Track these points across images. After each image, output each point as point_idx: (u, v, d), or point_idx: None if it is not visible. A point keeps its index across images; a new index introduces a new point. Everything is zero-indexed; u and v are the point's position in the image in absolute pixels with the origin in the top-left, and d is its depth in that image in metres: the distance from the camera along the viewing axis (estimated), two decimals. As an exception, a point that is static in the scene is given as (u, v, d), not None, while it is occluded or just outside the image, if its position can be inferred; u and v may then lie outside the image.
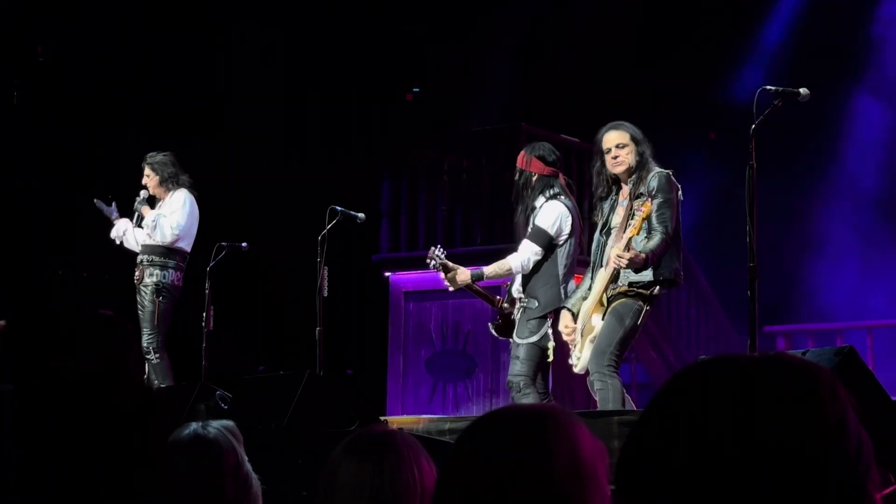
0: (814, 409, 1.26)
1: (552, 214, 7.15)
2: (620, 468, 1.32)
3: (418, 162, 11.05)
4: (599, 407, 6.35)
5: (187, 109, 12.40)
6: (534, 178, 7.24)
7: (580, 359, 6.63)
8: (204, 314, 8.76)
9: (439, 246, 7.57)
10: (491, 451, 1.66)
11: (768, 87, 5.87)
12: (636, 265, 6.38)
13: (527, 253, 7.15)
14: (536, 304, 7.11)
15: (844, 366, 3.72)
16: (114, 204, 9.25)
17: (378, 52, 13.08)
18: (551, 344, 7.00)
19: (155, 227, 8.82)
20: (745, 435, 1.24)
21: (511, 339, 7.29)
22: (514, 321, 7.29)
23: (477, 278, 7.38)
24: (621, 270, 6.45)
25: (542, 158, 7.27)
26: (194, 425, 3.39)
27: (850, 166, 11.83)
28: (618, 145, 6.57)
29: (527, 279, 7.21)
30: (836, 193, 11.87)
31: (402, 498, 2.42)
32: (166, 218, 8.83)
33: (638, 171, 6.54)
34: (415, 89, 14.02)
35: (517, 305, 7.25)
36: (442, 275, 7.45)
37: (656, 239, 6.38)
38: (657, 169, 6.53)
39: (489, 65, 13.11)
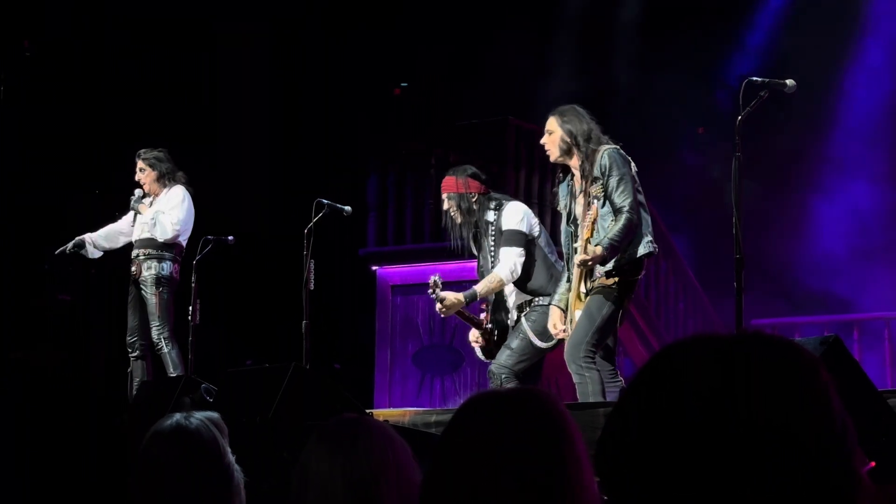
0: (797, 386, 1.23)
1: (517, 214, 7.13)
2: (599, 458, 1.30)
3: (405, 155, 11.04)
4: (580, 399, 6.29)
5: (173, 104, 12.36)
6: (474, 199, 7.22)
7: None
8: (190, 308, 8.74)
9: (438, 274, 7.48)
10: (479, 436, 1.65)
11: (754, 79, 5.86)
12: (603, 261, 6.29)
13: (511, 258, 7.07)
14: (547, 299, 6.99)
15: (830, 355, 3.71)
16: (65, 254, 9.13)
17: (366, 46, 13.06)
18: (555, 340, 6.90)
19: (155, 224, 8.79)
20: (726, 417, 1.21)
21: (517, 329, 7.15)
22: (496, 342, 7.25)
23: (471, 299, 7.26)
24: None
25: (476, 177, 7.29)
26: (177, 416, 3.37)
27: (839, 155, 11.84)
28: (547, 131, 6.51)
29: (525, 284, 7.13)
30: (829, 183, 11.88)
31: (377, 478, 2.41)
32: (166, 215, 8.80)
33: (581, 153, 6.40)
34: (402, 84, 14.00)
35: (525, 311, 7.14)
36: (438, 305, 7.35)
37: (620, 222, 6.24)
38: (605, 146, 6.38)
39: (478, 58, 13.09)
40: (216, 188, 11.55)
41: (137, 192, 9.02)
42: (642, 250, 6.35)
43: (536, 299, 7.08)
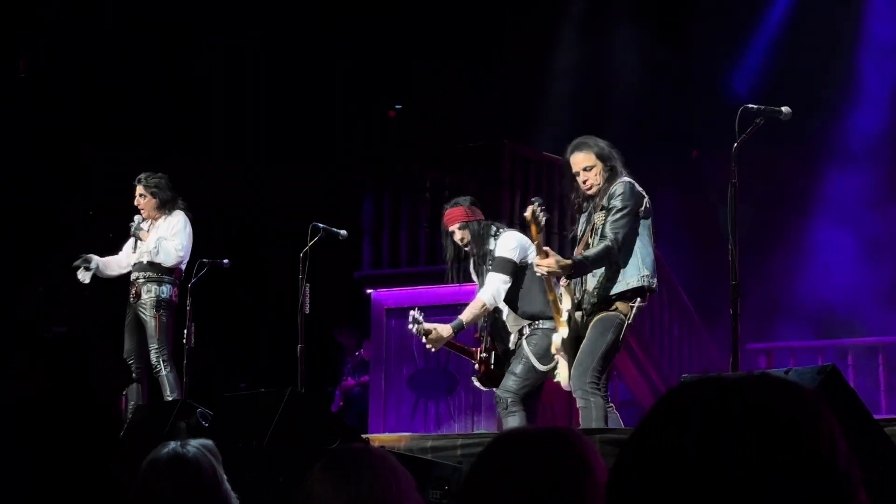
0: (802, 429, 1.24)
1: (511, 241, 7.16)
2: (610, 498, 1.30)
3: (401, 178, 11.03)
4: (582, 425, 6.30)
5: (170, 125, 12.38)
6: (482, 225, 7.25)
7: (561, 375, 6.63)
8: (185, 331, 8.74)
9: (417, 308, 7.49)
10: (507, 474, 1.67)
11: (750, 106, 5.88)
12: (564, 272, 6.32)
13: (494, 284, 7.10)
14: (548, 322, 7.01)
15: (827, 384, 3.72)
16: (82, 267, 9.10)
17: (361, 68, 13.09)
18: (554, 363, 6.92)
19: (158, 251, 8.78)
20: (732, 460, 1.21)
21: (518, 353, 7.17)
22: (494, 371, 7.26)
23: (458, 329, 7.32)
24: (589, 286, 6.43)
25: (476, 205, 7.37)
26: (173, 444, 3.37)
27: (835, 183, 11.86)
28: (585, 168, 6.52)
29: (522, 308, 7.15)
30: (821, 208, 11.91)
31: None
32: (169, 241, 8.80)
33: (607, 182, 6.50)
34: (397, 105, 14.03)
35: (526, 334, 7.15)
36: (423, 339, 7.36)
37: (598, 247, 6.31)
38: (621, 178, 6.45)
39: (472, 81, 13.13)
40: (212, 211, 11.56)
41: (137, 218, 9.01)
42: (635, 282, 6.37)
43: (537, 322, 7.10)
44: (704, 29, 12.57)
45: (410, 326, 7.35)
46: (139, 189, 8.99)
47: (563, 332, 6.57)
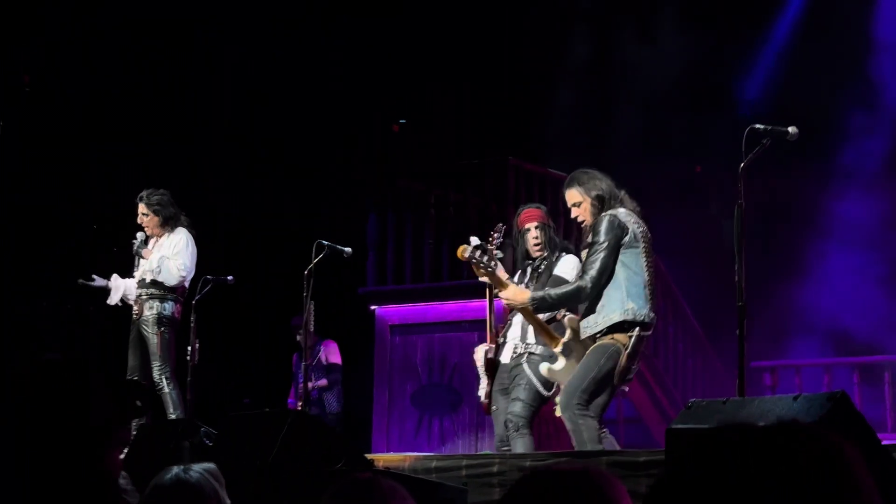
0: (835, 475, 1.28)
1: (572, 266, 7.12)
2: None
3: (405, 195, 11.03)
4: (576, 447, 6.28)
5: (173, 143, 12.38)
6: (555, 235, 7.30)
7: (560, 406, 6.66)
8: (189, 348, 8.71)
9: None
10: None
11: (757, 126, 5.86)
12: (523, 305, 6.44)
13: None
14: (545, 349, 7.03)
15: (837, 411, 3.70)
16: (94, 277, 9.09)
17: (366, 83, 13.09)
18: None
19: (160, 270, 8.76)
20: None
21: (520, 377, 7.15)
22: (499, 361, 7.25)
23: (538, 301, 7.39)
24: (588, 316, 6.45)
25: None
26: (176, 469, 3.35)
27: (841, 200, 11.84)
28: (574, 204, 6.59)
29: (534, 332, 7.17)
30: (827, 228, 11.88)
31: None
32: (171, 260, 8.77)
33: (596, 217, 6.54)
34: (401, 121, 14.03)
35: (526, 357, 7.15)
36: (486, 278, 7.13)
37: (569, 286, 6.49)
38: (605, 213, 6.47)
39: (477, 97, 13.13)
40: (216, 228, 11.56)
41: (140, 235, 8.98)
42: (617, 317, 6.37)
43: (536, 347, 7.10)
44: (714, 40, 12.59)
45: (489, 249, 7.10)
46: (141, 208, 8.95)
47: (560, 363, 6.60)
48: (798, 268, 11.98)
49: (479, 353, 7.12)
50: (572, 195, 6.57)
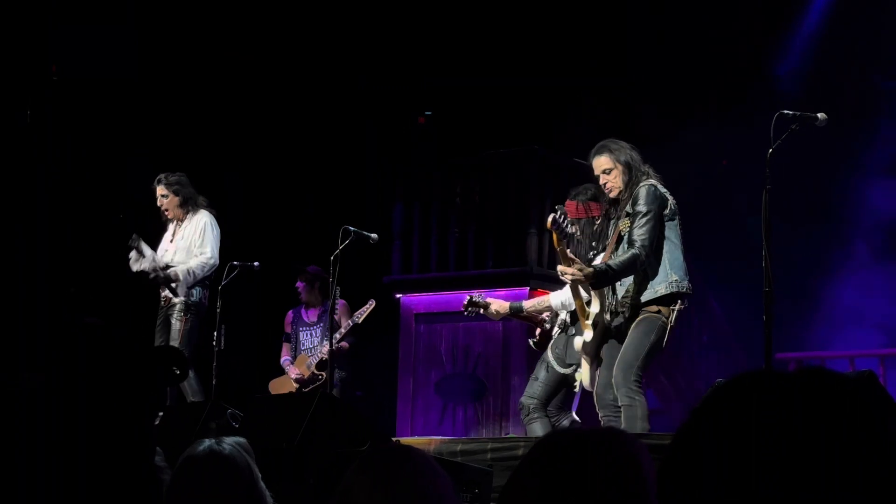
0: (872, 420, 1.25)
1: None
2: (662, 494, 1.29)
3: (431, 184, 11.03)
4: (626, 425, 6.25)
5: (201, 131, 12.41)
6: (598, 222, 7.17)
7: (584, 377, 6.66)
8: (215, 333, 8.75)
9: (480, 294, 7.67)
10: (558, 474, 1.66)
11: (785, 112, 5.85)
12: (587, 280, 6.29)
13: (566, 295, 7.14)
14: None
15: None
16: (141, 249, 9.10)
17: (392, 75, 13.11)
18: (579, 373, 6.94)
19: (191, 277, 8.80)
20: (799, 445, 1.21)
21: (543, 359, 7.22)
22: (544, 337, 7.32)
23: (516, 311, 7.48)
24: (619, 293, 6.43)
25: (595, 199, 7.17)
26: (208, 441, 3.38)
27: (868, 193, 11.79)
28: (604, 171, 6.53)
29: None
30: (853, 219, 11.83)
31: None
32: (195, 259, 8.80)
33: (630, 186, 6.49)
34: (427, 112, 14.03)
35: (555, 334, 7.24)
36: (481, 310, 7.49)
37: (625, 255, 6.30)
38: (644, 182, 6.43)
39: (503, 88, 13.12)
40: (243, 214, 11.59)
41: (134, 235, 8.97)
42: (663, 289, 6.34)
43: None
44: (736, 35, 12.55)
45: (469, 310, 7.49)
46: (160, 189, 8.97)
47: (588, 335, 6.57)
48: (824, 259, 11.93)
49: (578, 344, 6.80)
50: (602, 162, 6.53)
